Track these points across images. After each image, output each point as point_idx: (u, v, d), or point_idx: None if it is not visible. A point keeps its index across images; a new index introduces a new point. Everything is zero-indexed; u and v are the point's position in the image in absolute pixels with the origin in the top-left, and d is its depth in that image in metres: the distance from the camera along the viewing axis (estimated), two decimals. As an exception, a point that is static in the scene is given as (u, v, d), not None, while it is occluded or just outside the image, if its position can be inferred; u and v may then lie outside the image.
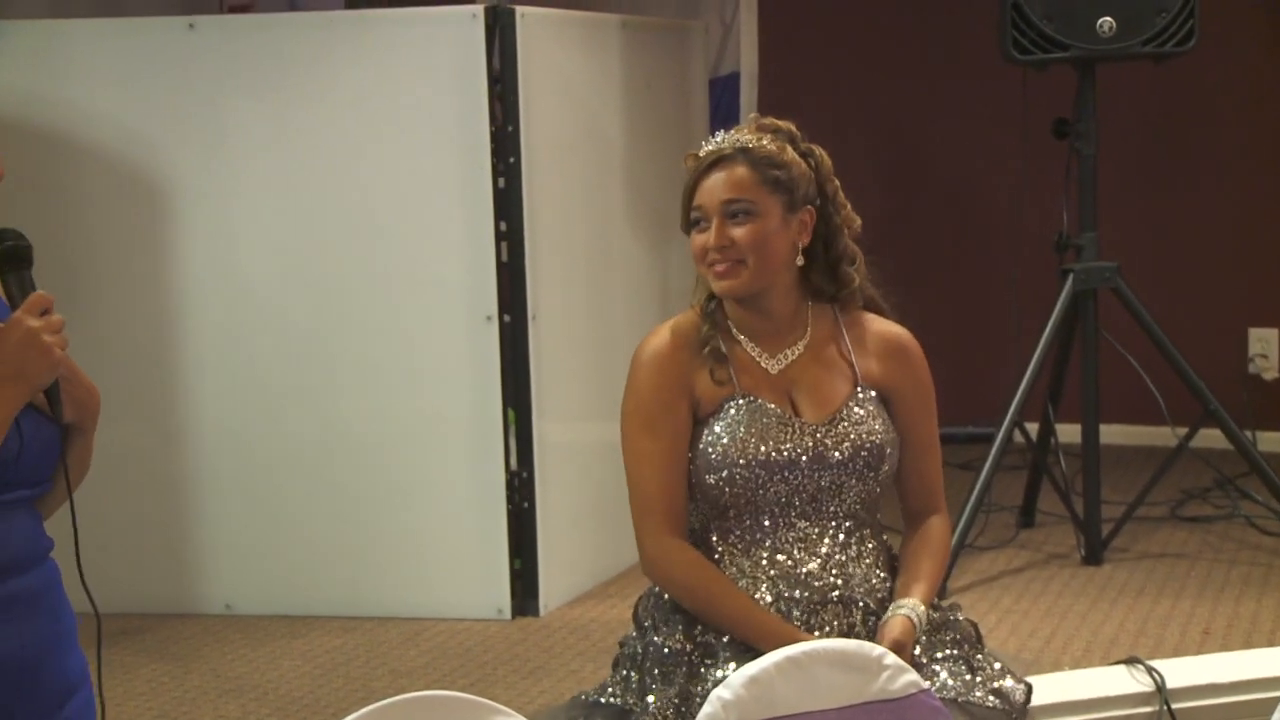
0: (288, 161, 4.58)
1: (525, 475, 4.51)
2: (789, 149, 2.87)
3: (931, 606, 2.87)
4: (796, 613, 2.83)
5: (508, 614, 4.47)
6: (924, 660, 2.75)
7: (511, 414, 4.49)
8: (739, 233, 2.81)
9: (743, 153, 2.84)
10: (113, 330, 4.40)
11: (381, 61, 4.52)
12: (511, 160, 4.44)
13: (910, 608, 2.79)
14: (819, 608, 2.85)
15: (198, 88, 4.59)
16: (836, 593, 2.85)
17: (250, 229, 4.60)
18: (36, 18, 4.88)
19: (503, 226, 4.45)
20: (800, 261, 2.89)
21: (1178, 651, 3.70)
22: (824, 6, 6.21)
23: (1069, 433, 4.94)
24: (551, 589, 4.55)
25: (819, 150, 2.92)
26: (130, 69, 4.62)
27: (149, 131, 4.61)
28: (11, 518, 2.38)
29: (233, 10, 6.05)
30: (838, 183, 2.93)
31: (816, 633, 2.79)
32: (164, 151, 4.61)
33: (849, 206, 2.94)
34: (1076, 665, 3.65)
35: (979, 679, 2.81)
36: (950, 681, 2.74)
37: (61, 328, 2.34)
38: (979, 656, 2.88)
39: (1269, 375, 6.07)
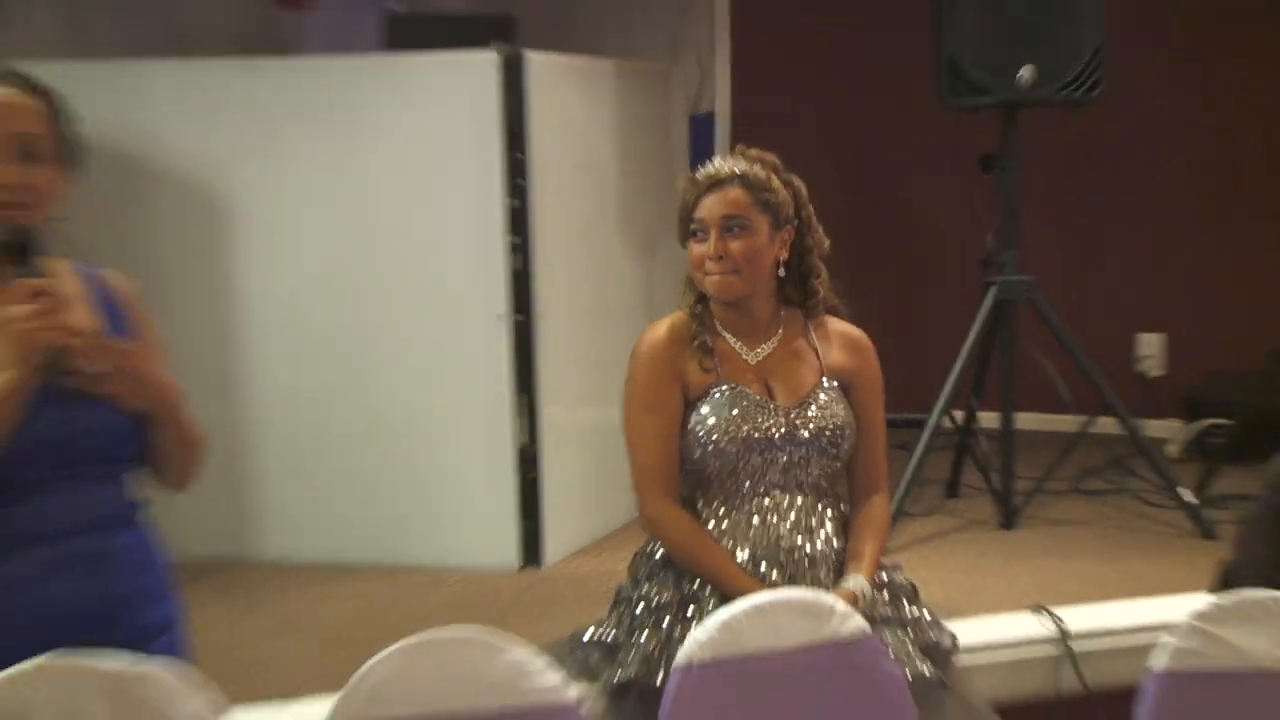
0: (332, 183, 4.59)
1: (532, 449, 4.53)
2: (775, 176, 2.91)
3: (878, 568, 2.94)
4: (767, 568, 2.88)
5: (516, 566, 4.51)
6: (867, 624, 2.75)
7: (521, 397, 4.51)
8: (735, 245, 2.85)
9: (738, 177, 2.88)
10: (185, 327, 4.39)
11: (412, 98, 4.54)
12: (521, 183, 4.45)
13: (855, 583, 2.84)
14: (787, 564, 2.89)
15: (255, 119, 4.61)
16: (802, 551, 2.90)
17: (300, 240, 4.61)
18: (119, 59, 4.86)
19: (514, 239, 4.47)
20: (781, 273, 2.95)
21: (1076, 601, 3.70)
22: (787, 55, 6.22)
23: (989, 419, 4.98)
24: (554, 545, 4.57)
25: (797, 180, 2.96)
26: (198, 103, 4.64)
27: (214, 157, 4.63)
28: (86, 490, 2.37)
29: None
30: (812, 208, 2.97)
31: (784, 585, 2.83)
32: (227, 174, 4.63)
33: (820, 230, 2.98)
34: (993, 612, 3.67)
35: (912, 634, 2.87)
36: (889, 639, 2.76)
37: (48, 312, 2.25)
38: (913, 610, 2.94)
39: (1153, 373, 6.11)
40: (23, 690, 2.16)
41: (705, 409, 2.88)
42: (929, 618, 2.95)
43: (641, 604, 2.91)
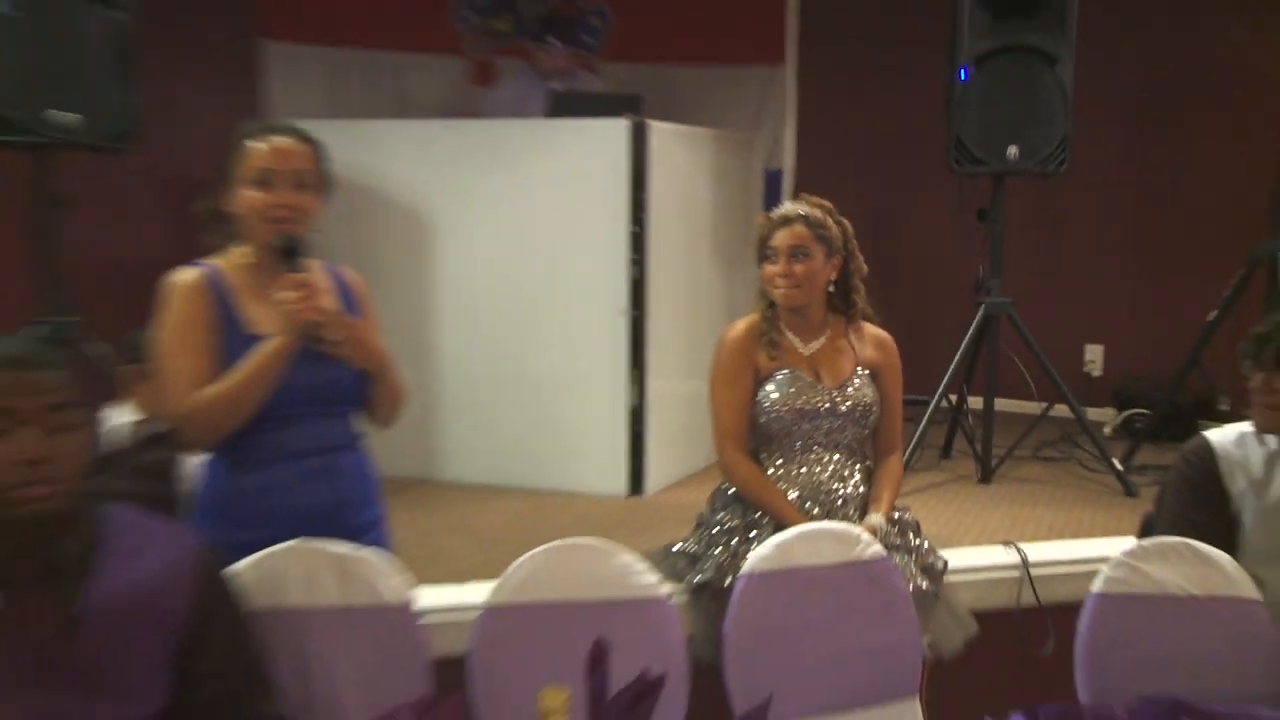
0: (505, 211, 4.59)
1: (640, 409, 4.51)
2: (829, 218, 2.87)
3: (892, 509, 2.91)
4: (811, 505, 2.86)
5: (625, 493, 4.49)
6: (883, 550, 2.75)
7: (634, 372, 4.49)
8: (798, 267, 2.83)
9: (802, 217, 2.85)
10: (396, 310, 4.38)
11: (565, 152, 4.53)
12: (642, 215, 4.43)
13: (875, 520, 2.82)
14: (826, 503, 2.88)
15: (453, 164, 4.63)
16: (836, 494, 2.88)
17: (480, 252, 4.62)
18: (360, 119, 4.91)
19: (634, 256, 4.45)
20: (831, 289, 2.91)
21: (1034, 538, 3.65)
22: (837, 129, 6.16)
23: (975, 402, 4.91)
24: (653, 480, 4.55)
25: (845, 221, 2.93)
26: (413, 152, 4.67)
27: (422, 190, 4.66)
28: (324, 422, 2.41)
29: (477, 73, 6.02)
30: (855, 242, 2.94)
31: (822, 519, 2.81)
32: (430, 203, 4.65)
33: (860, 258, 2.95)
34: (973, 544, 3.63)
35: (914, 558, 2.83)
36: (898, 561, 2.74)
37: (312, 296, 2.30)
38: (916, 540, 2.91)
39: (1095, 373, 6.00)
40: (277, 565, 2.21)
41: (770, 387, 2.87)
42: (927, 546, 2.92)
43: (716, 527, 2.91)
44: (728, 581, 2.69)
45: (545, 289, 4.56)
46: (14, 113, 3.39)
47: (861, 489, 2.92)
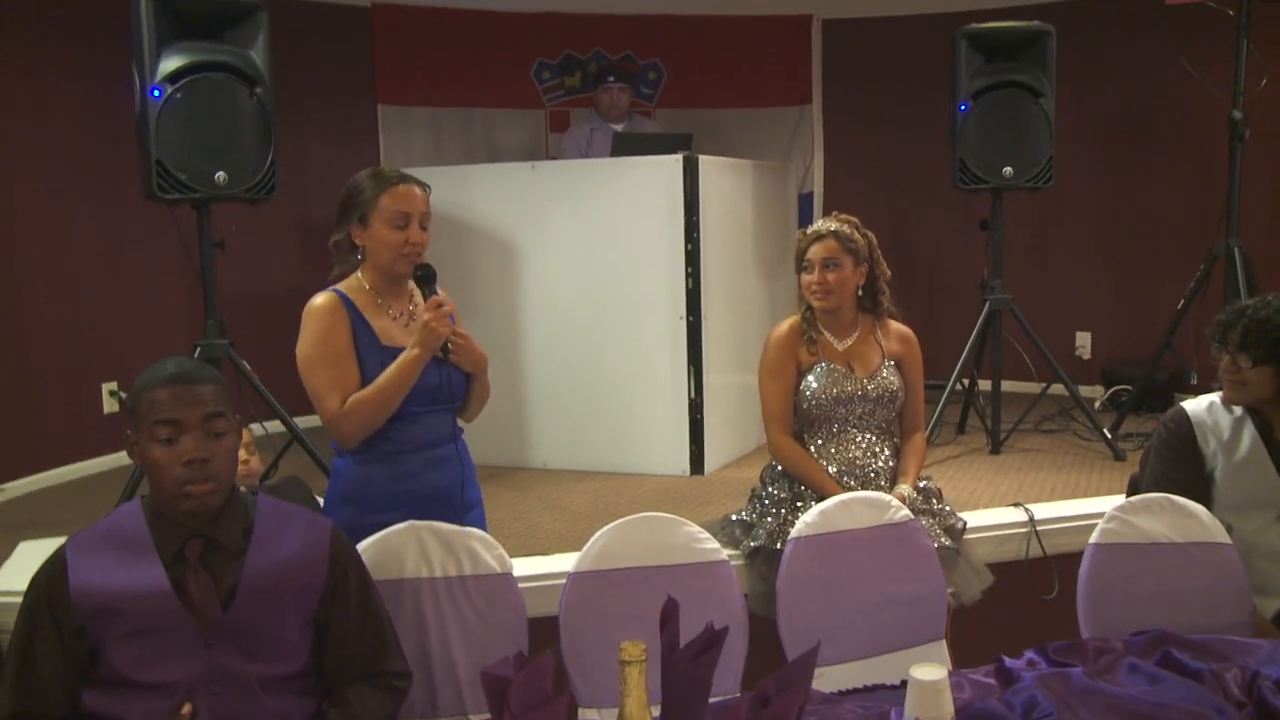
0: (579, 237, 4.56)
1: (698, 400, 4.45)
2: (856, 231, 2.83)
3: (918, 479, 2.85)
4: (848, 479, 2.82)
5: (688, 473, 4.44)
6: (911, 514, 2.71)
7: (692, 369, 4.44)
8: (831, 276, 2.79)
9: (833, 233, 2.81)
10: (491, 322, 4.46)
11: (628, 185, 4.48)
12: (695, 235, 4.38)
13: (903, 489, 2.78)
14: (861, 476, 2.83)
15: (534, 199, 4.60)
16: (869, 468, 2.83)
17: (558, 271, 4.58)
18: (458, 164, 4.93)
19: (690, 269, 4.39)
20: (860, 293, 2.86)
21: (1039, 499, 3.58)
22: (859, 156, 6.07)
23: (985, 385, 4.82)
24: (711, 460, 4.48)
25: (870, 233, 2.88)
26: (501, 190, 4.64)
27: (509, 221, 4.63)
28: (441, 417, 2.42)
29: (553, 122, 6.01)
30: (879, 251, 2.89)
31: (858, 489, 2.76)
32: (516, 232, 4.62)
33: (884, 264, 2.90)
34: (986, 507, 3.54)
35: (937, 520, 2.78)
36: (924, 523, 2.67)
37: (448, 316, 2.34)
38: (938, 505, 2.85)
39: (1084, 356, 5.85)
40: (395, 543, 2.21)
41: (810, 378, 2.84)
42: (948, 509, 2.86)
43: (767, 499, 2.87)
44: (779, 545, 2.66)
45: (615, 300, 4.52)
46: (184, 174, 3.53)
47: (891, 463, 2.88)
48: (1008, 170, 4.48)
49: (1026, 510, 3.28)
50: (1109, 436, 4.51)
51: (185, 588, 1.80)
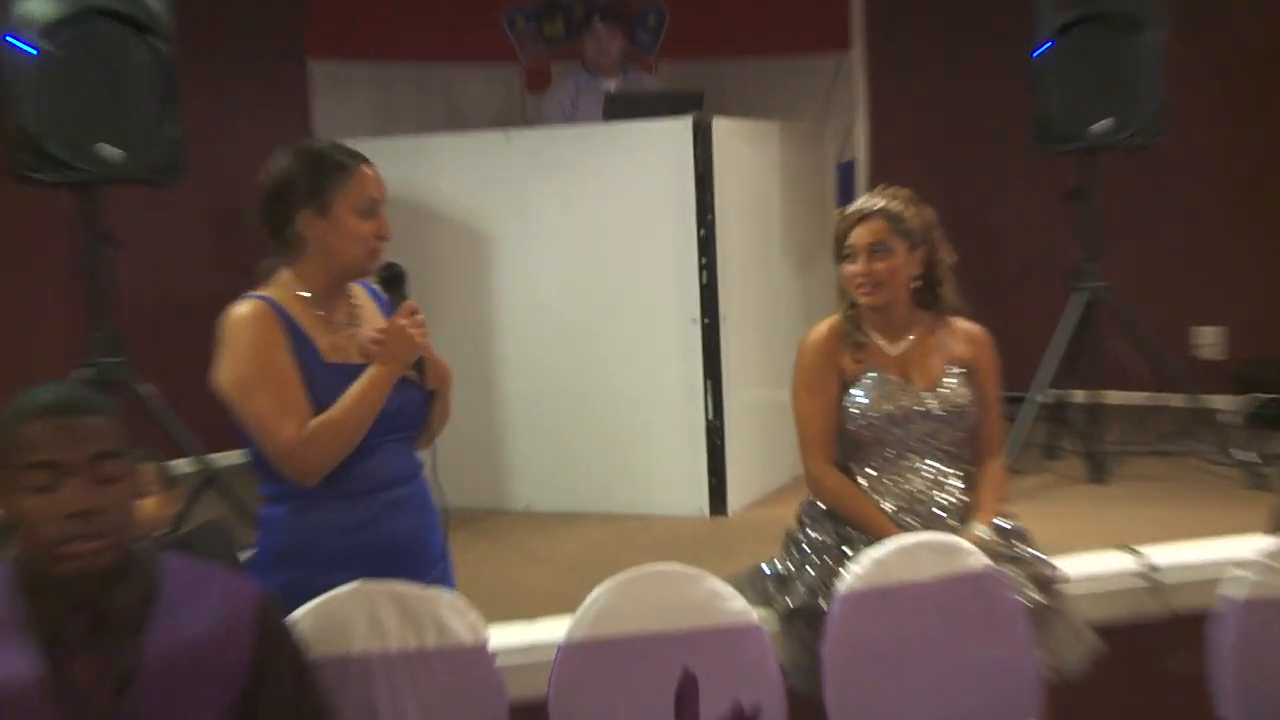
0: (565, 221, 4.57)
1: (718, 422, 4.43)
2: (909, 208, 2.84)
3: (996, 516, 2.83)
4: (908, 517, 2.80)
5: (707, 513, 4.42)
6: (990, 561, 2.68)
7: (709, 383, 4.42)
8: (879, 265, 2.79)
9: (880, 211, 2.82)
10: (456, 329, 4.42)
11: (626, 155, 4.49)
12: (709, 217, 4.37)
13: (980, 529, 2.75)
14: (923, 513, 2.82)
15: (509, 175, 4.61)
16: (935, 504, 2.83)
17: (541, 265, 4.59)
18: (412, 134, 4.94)
19: (703, 260, 4.39)
20: (916, 284, 2.86)
21: (1154, 541, 3.53)
22: (912, 113, 6.07)
23: (1079, 396, 4.81)
24: (735, 498, 4.47)
25: (927, 209, 2.89)
26: (468, 164, 4.66)
27: (478, 202, 4.64)
28: (399, 450, 2.43)
29: (530, 80, 6.02)
30: (939, 231, 2.89)
31: (920, 530, 2.74)
32: (487, 215, 4.63)
33: (946, 247, 2.91)
34: (1089, 550, 3.49)
35: (1024, 569, 2.74)
36: (1008, 573, 2.64)
37: (424, 324, 2.38)
38: (1025, 549, 2.83)
39: (1212, 357, 5.82)
40: (340, 609, 2.23)
41: (857, 391, 2.83)
42: (1038, 555, 2.83)
43: (807, 545, 2.85)
44: (823, 603, 2.63)
45: (611, 300, 4.52)
46: (58, 150, 3.48)
47: (962, 497, 2.86)
48: (1104, 125, 4.48)
49: (1141, 555, 3.26)
50: (1246, 459, 4.49)
51: (67, 675, 1.78)
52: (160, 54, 3.63)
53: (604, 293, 4.53)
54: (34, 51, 3.44)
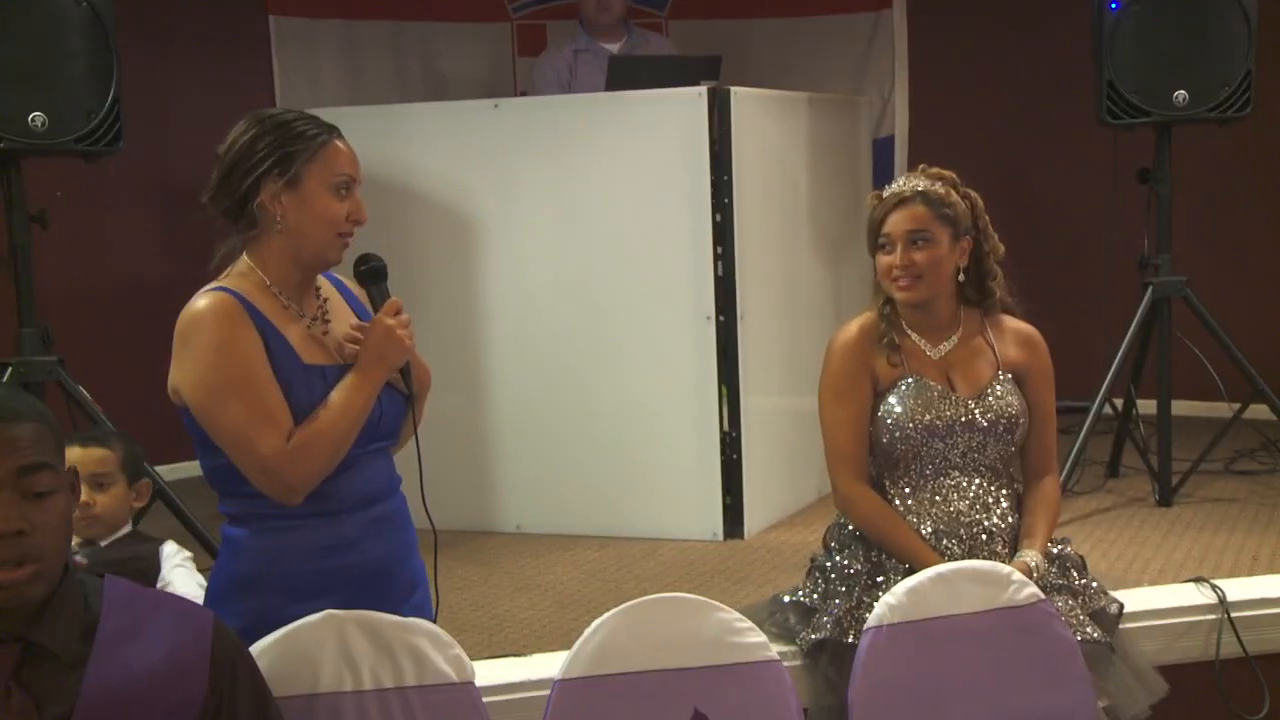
0: (561, 203, 4.60)
1: (734, 434, 4.45)
2: (953, 192, 2.85)
3: (1048, 542, 2.86)
4: (949, 542, 2.83)
5: (721, 536, 4.44)
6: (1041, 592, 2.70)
7: (724, 389, 4.44)
8: (919, 256, 2.81)
9: (920, 194, 2.83)
10: (436, 327, 4.42)
11: (631, 129, 4.51)
12: (726, 201, 4.39)
13: (1029, 556, 2.78)
14: (966, 538, 2.84)
15: (498, 150, 4.63)
16: (980, 527, 2.85)
17: (533, 252, 4.62)
18: (387, 103, 4.95)
19: (719, 249, 4.41)
20: (961, 278, 2.88)
21: (1232, 573, 3.57)
22: (957, 84, 6.10)
23: (1146, 406, 4.81)
24: (753, 519, 4.49)
25: (973, 194, 2.90)
26: (451, 138, 4.69)
27: (463, 181, 4.66)
28: (378, 462, 2.46)
29: (522, 41, 6.06)
30: (987, 218, 2.91)
31: (963, 557, 2.78)
32: (473, 196, 4.66)
33: (995, 237, 2.93)
34: (1154, 583, 3.53)
35: (1081, 602, 2.78)
36: (1060, 606, 2.68)
37: (410, 324, 2.41)
38: (1081, 580, 2.86)
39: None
40: (306, 641, 2.24)
41: (893, 399, 2.85)
42: (1096, 586, 2.87)
43: (834, 572, 2.88)
44: (850, 638, 2.66)
45: (614, 294, 4.55)
46: None
47: (1010, 519, 2.88)
48: (1181, 95, 4.46)
49: (1215, 589, 3.27)
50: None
51: (-5, 716, 1.79)
52: (96, 7, 3.63)
53: (605, 285, 4.56)
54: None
